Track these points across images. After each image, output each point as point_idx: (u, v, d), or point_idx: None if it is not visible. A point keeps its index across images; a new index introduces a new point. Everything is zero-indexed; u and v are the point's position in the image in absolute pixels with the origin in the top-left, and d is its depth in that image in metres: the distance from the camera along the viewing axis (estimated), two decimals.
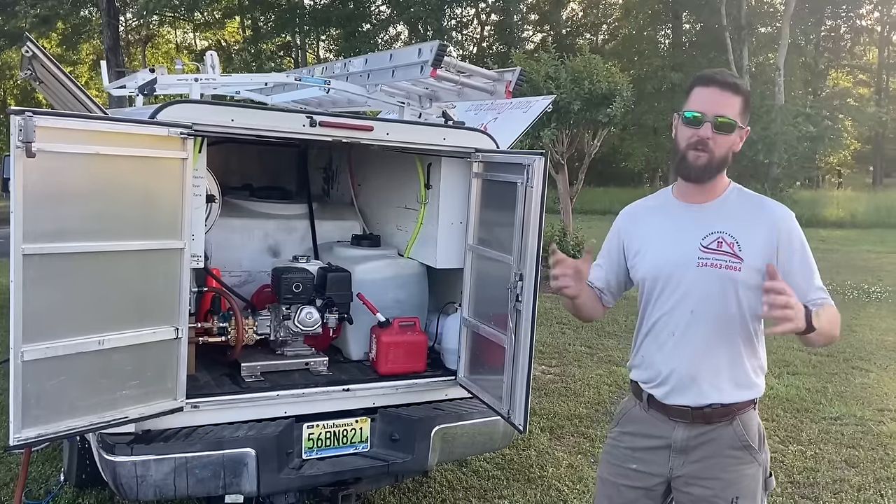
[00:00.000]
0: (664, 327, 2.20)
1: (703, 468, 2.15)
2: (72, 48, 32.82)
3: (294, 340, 3.58)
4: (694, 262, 2.12)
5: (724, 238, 2.11)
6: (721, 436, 2.15)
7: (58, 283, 2.54)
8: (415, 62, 3.35)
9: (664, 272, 2.18)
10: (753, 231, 2.10)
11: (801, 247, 2.12)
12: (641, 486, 2.25)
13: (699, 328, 2.14)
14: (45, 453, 4.37)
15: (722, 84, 2.08)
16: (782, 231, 2.10)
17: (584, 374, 6.45)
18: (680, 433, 2.18)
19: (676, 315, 2.16)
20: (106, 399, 2.69)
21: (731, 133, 2.08)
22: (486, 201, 3.46)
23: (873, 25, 39.69)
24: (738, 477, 2.14)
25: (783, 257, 2.08)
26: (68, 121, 2.52)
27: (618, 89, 10.25)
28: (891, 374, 6.86)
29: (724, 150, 2.09)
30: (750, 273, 2.08)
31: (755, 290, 2.07)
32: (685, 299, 2.15)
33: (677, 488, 2.21)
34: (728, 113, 2.06)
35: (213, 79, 3.80)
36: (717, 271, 2.10)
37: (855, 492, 4.32)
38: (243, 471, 2.98)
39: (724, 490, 2.13)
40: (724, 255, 2.10)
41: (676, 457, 2.19)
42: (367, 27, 29.49)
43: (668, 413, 2.20)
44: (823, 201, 25.66)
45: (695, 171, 2.11)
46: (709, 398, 2.14)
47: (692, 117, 2.08)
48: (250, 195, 4.38)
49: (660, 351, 2.21)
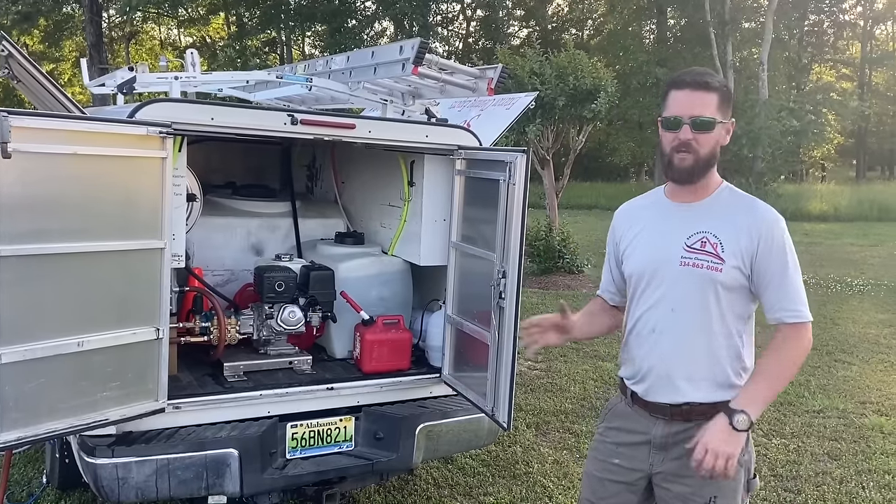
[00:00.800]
0: (646, 324, 2.22)
1: (682, 465, 2.15)
2: (54, 45, 32.48)
3: (277, 339, 3.57)
4: (677, 260, 2.14)
5: (709, 238, 2.12)
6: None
7: (35, 284, 2.51)
8: (396, 59, 3.34)
9: (649, 269, 2.20)
10: (738, 232, 2.10)
11: (782, 254, 2.08)
12: (623, 481, 2.27)
13: (679, 326, 2.15)
14: (27, 455, 4.33)
15: (693, 84, 2.09)
16: (764, 236, 2.08)
17: (570, 370, 6.47)
18: (659, 430, 2.19)
19: (657, 313, 2.18)
20: (86, 401, 2.67)
21: (712, 131, 2.09)
22: (470, 198, 3.46)
23: (856, 20, 40.04)
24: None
25: (761, 262, 2.08)
26: (45, 120, 2.49)
27: (602, 85, 10.25)
28: (873, 366, 6.93)
29: (707, 148, 2.10)
30: (731, 274, 2.09)
31: (736, 291, 2.10)
32: (666, 297, 2.16)
33: (657, 484, 2.22)
34: (704, 112, 2.07)
35: (193, 77, 3.77)
36: (699, 271, 2.11)
37: (837, 484, 4.36)
38: (226, 471, 2.96)
39: (701, 488, 2.13)
40: (706, 256, 2.11)
41: (656, 453, 2.20)
42: (352, 23, 29.37)
43: (648, 410, 2.22)
44: (807, 195, 25.86)
45: (682, 172, 2.12)
46: (686, 396, 2.15)
47: (671, 121, 2.10)
48: (233, 193, 4.35)
49: (640, 348, 2.24)
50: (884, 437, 5.12)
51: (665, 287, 2.16)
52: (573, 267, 11.03)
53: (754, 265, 2.08)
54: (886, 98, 42.21)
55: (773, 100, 26.77)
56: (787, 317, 2.07)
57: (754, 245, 2.08)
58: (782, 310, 2.07)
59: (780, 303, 2.08)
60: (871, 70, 41.83)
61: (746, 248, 2.08)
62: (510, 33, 36.34)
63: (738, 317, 2.14)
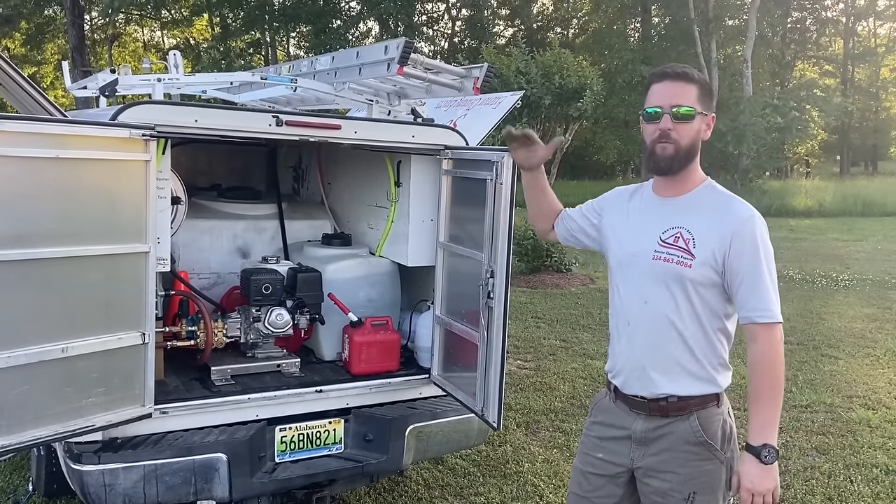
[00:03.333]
0: (621, 317, 2.26)
1: (661, 461, 2.17)
2: (36, 48, 32.20)
3: (265, 342, 3.55)
4: (650, 254, 2.16)
5: (682, 233, 2.13)
6: (678, 430, 2.16)
7: (18, 290, 2.48)
8: (382, 59, 3.32)
9: (625, 260, 2.25)
10: (711, 229, 2.10)
11: (755, 254, 2.06)
12: (606, 474, 2.29)
13: (651, 319, 2.16)
14: (12, 462, 4.29)
15: (673, 76, 2.12)
16: (736, 234, 2.07)
17: (560, 368, 6.47)
18: (639, 425, 2.21)
19: (632, 305, 2.21)
20: (71, 407, 2.64)
21: (692, 121, 2.10)
22: (457, 198, 3.45)
23: (838, 17, 40.33)
24: (697, 472, 2.15)
25: (733, 261, 2.07)
26: (25, 124, 2.46)
27: (588, 83, 10.29)
28: (859, 360, 6.98)
29: (688, 139, 2.11)
30: (701, 270, 2.09)
31: (709, 287, 2.10)
32: (639, 290, 2.19)
33: (638, 479, 2.24)
34: (684, 102, 2.09)
35: (176, 79, 3.73)
36: (669, 266, 2.12)
37: (825, 478, 4.38)
38: (215, 476, 2.94)
39: (681, 484, 2.14)
40: (677, 251, 2.12)
41: (637, 448, 2.21)
42: (337, 23, 29.29)
43: (628, 405, 2.24)
44: (792, 191, 25.99)
45: (663, 161, 2.13)
46: (663, 389, 2.16)
47: (651, 113, 2.12)
48: (218, 196, 4.32)
49: (618, 341, 2.28)
50: (871, 430, 5.15)
51: (637, 279, 2.20)
52: (561, 265, 11.05)
53: (727, 263, 2.08)
54: (869, 94, 42.63)
55: (757, 97, 26.97)
56: (757, 316, 2.06)
57: (726, 243, 2.07)
58: (754, 309, 2.06)
59: (751, 302, 2.06)
60: (853, 66, 42.20)
61: (719, 245, 2.08)
62: (495, 32, 36.35)
63: (713, 314, 2.13)
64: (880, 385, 6.20)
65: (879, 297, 10.14)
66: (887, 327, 8.32)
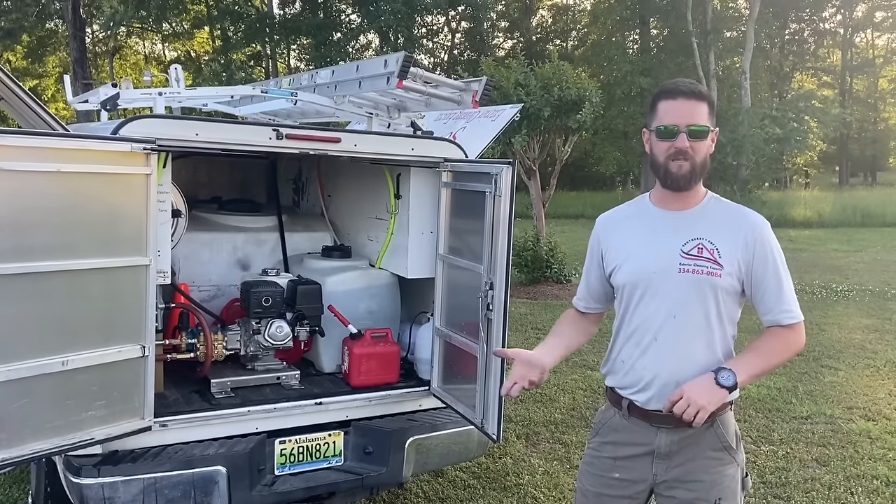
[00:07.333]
0: (646, 332, 2.21)
1: (686, 471, 2.17)
2: (38, 61, 32.33)
3: (265, 355, 3.55)
4: (675, 267, 2.15)
5: (705, 244, 2.14)
6: (702, 438, 2.17)
7: (19, 303, 2.49)
8: (381, 73, 3.35)
9: (643, 278, 2.20)
10: (732, 238, 2.14)
11: (775, 259, 2.15)
12: (625, 495, 2.26)
13: (681, 333, 2.15)
14: (12, 476, 4.28)
15: (688, 94, 2.13)
16: (758, 241, 2.14)
17: (559, 380, 6.47)
18: (663, 439, 2.19)
19: (658, 320, 2.18)
20: (71, 421, 2.64)
21: (706, 139, 2.13)
22: (456, 210, 3.47)
23: (836, 28, 40.48)
24: (720, 478, 2.17)
25: (757, 268, 2.14)
26: (26, 138, 2.47)
27: (587, 95, 10.32)
28: (859, 371, 6.97)
29: (702, 155, 2.14)
30: (729, 279, 2.13)
31: (731, 295, 2.16)
32: (667, 304, 2.16)
33: (660, 493, 2.22)
34: (699, 121, 2.11)
35: (177, 92, 3.76)
36: (699, 277, 2.13)
37: (826, 490, 4.37)
38: (214, 489, 2.94)
39: (707, 492, 2.15)
40: (705, 261, 2.13)
41: (660, 462, 2.20)
42: (337, 36, 29.43)
43: (649, 419, 2.20)
44: (791, 202, 26.03)
45: (682, 179, 2.15)
46: None
47: (666, 130, 2.11)
48: (219, 208, 4.34)
49: (642, 356, 2.22)
50: (871, 441, 5.14)
51: (664, 294, 2.17)
52: (561, 276, 11.06)
53: (751, 271, 2.13)
54: (867, 105, 42.74)
55: (755, 108, 27.04)
56: (784, 318, 2.14)
57: (750, 252, 2.13)
58: (781, 312, 2.14)
59: (778, 305, 2.14)
60: (851, 77, 42.33)
61: (742, 254, 2.13)
62: (495, 45, 36.57)
63: (731, 320, 2.19)
64: (880, 396, 6.19)
65: (879, 307, 10.14)
66: (887, 338, 8.31)
